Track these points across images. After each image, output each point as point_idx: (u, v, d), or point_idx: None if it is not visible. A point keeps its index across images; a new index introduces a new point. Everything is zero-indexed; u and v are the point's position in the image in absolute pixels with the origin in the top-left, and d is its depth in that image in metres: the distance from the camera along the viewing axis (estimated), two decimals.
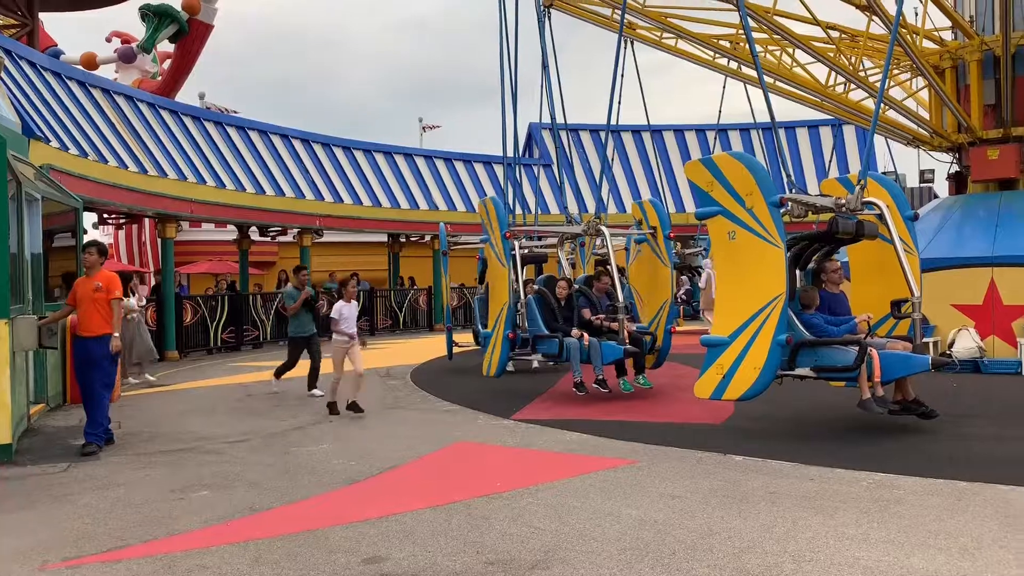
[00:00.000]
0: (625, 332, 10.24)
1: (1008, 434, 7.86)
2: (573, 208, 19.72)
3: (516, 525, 5.39)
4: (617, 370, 10.79)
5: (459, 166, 28.18)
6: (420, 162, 27.52)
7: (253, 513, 5.95)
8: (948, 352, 12.38)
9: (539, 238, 15.06)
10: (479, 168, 28.45)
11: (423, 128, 45.72)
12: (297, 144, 24.35)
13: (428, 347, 18.51)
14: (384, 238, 26.76)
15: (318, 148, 24.94)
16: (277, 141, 23.76)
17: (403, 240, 26.71)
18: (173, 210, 18.62)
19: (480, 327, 14.43)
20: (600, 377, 10.12)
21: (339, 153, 25.47)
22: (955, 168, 15.33)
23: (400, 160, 27.05)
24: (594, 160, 28.99)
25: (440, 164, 27.84)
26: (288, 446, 8.37)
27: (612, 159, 28.23)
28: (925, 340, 12.16)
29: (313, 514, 5.87)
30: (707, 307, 19.04)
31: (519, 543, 5.03)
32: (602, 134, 28.42)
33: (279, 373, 12.19)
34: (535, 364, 13.05)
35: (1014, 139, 13.72)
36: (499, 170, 27.45)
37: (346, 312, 10.05)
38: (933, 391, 9.55)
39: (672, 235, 11.76)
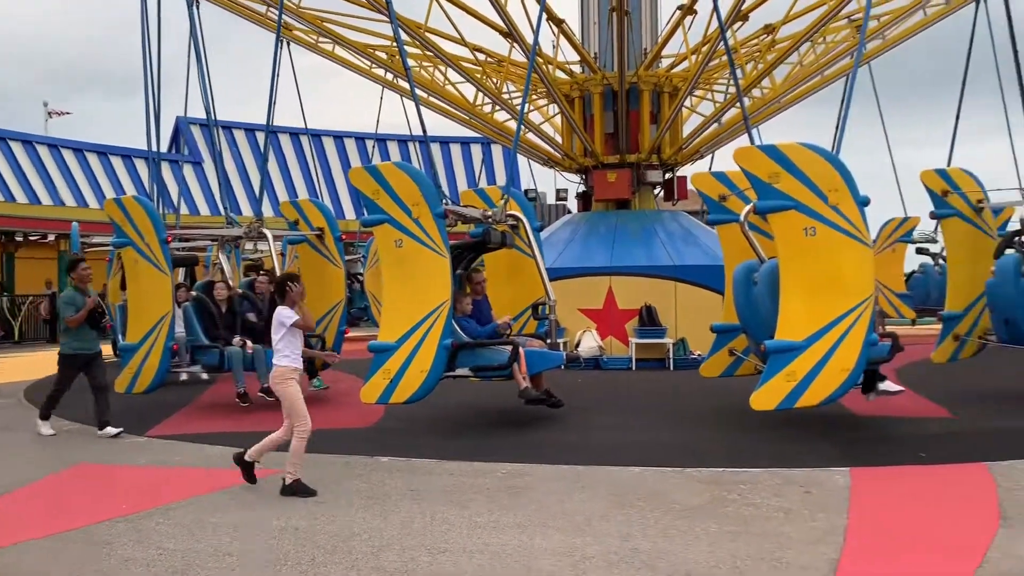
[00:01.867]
0: None
1: (619, 422, 8.92)
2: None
3: (142, 548, 4.94)
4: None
5: (92, 159, 25.42)
6: (43, 151, 24.34)
7: None
8: (575, 351, 13.77)
9: (185, 240, 14.08)
10: (117, 162, 25.93)
11: (49, 114, 40.49)
12: None
13: (50, 362, 16.35)
14: None
15: None
16: None
17: (20, 239, 23.38)
18: None
19: (122, 338, 13.06)
20: (266, 385, 9.76)
21: None
22: (582, 188, 17.15)
23: (17, 148, 23.70)
24: (249, 160, 27.90)
25: (69, 155, 24.88)
26: None
27: (267, 160, 27.43)
28: (557, 341, 13.43)
29: None
30: None
31: (144, 568, 4.62)
32: (259, 134, 27.52)
33: (48, 411, 9.08)
34: (183, 376, 12.18)
35: (628, 165, 15.70)
36: (141, 165, 25.30)
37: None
38: (561, 386, 10.55)
39: (344, 237, 11.70)
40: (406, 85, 17.35)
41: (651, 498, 5.86)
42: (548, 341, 8.97)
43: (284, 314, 6.35)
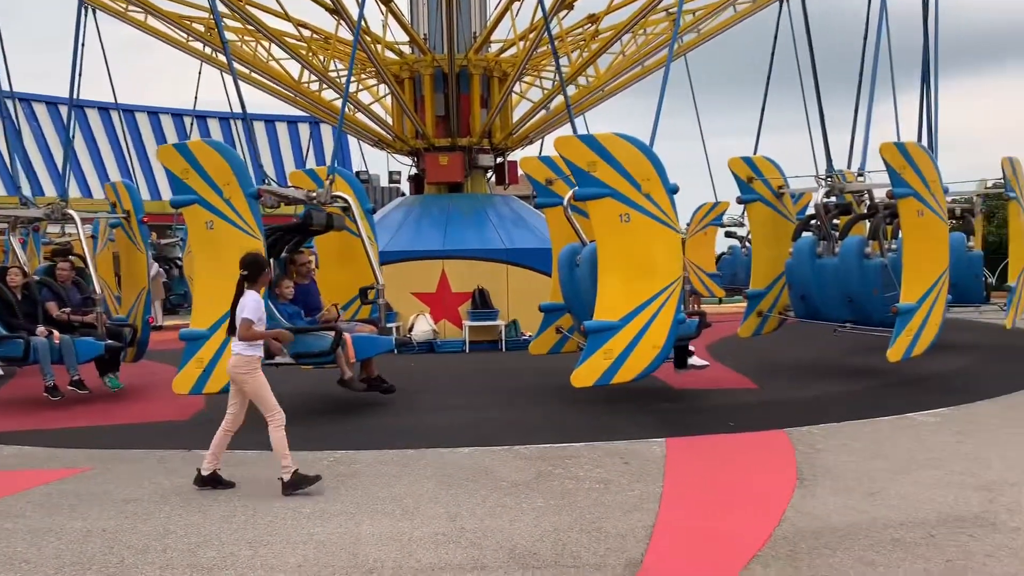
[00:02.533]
0: (103, 326, 9.37)
1: (450, 404, 8.97)
2: (25, 189, 17.24)
3: None
4: (100, 367, 9.73)
5: None
6: None
7: None
8: (408, 335, 13.71)
9: None
10: None
11: None
12: None
13: None
14: None
15: None
16: None
17: None
18: None
19: None
20: (76, 378, 9.03)
21: None
22: (415, 171, 17.02)
23: None
24: (52, 136, 25.71)
25: None
26: None
27: (74, 137, 25.37)
28: (389, 325, 13.32)
29: None
30: (156, 296, 18.12)
31: None
32: (62, 108, 25.41)
33: None
34: None
35: (460, 148, 15.72)
36: None
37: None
38: (395, 370, 10.47)
39: (145, 219, 11.00)
40: (225, 59, 16.59)
41: (479, 477, 5.94)
42: (379, 326, 8.85)
43: (248, 303, 5.80)
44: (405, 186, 18.27)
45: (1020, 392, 8.98)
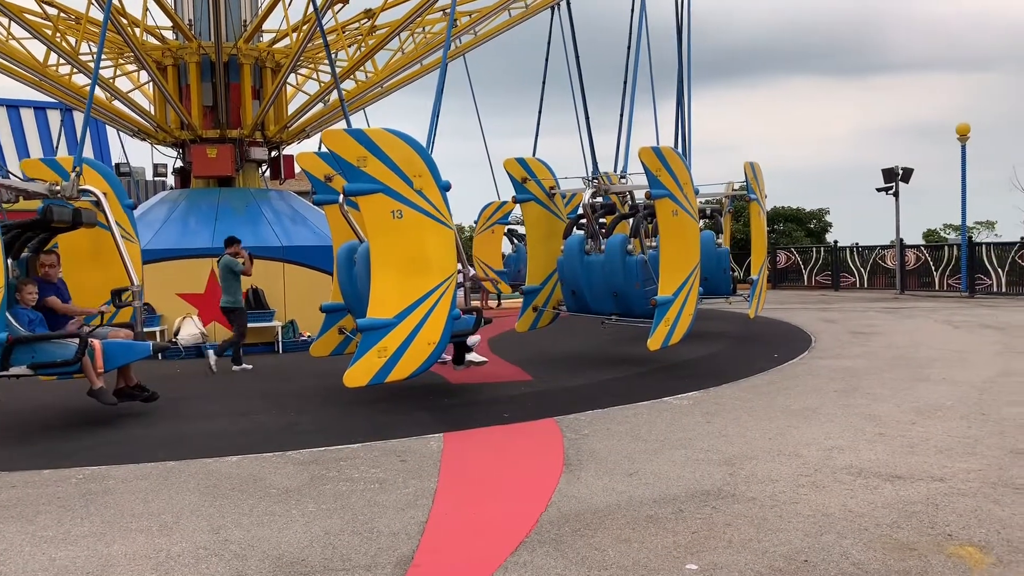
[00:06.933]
0: None
1: (219, 411, 8.52)
2: None
3: None
4: None
5: None
6: None
7: None
8: (174, 339, 12.88)
9: None
10: None
11: None
12: None
13: None
14: None
15: None
16: None
17: None
18: None
19: None
20: None
21: None
22: (180, 163, 16.00)
23: None
24: None
25: None
26: None
27: None
28: (152, 329, 12.48)
29: None
30: None
31: None
32: None
33: None
34: None
35: (230, 140, 14.98)
36: None
37: None
38: (158, 377, 9.81)
39: None
40: None
41: (247, 486, 5.69)
42: (136, 330, 8.22)
43: None
44: (172, 179, 17.14)
45: (759, 375, 9.98)
